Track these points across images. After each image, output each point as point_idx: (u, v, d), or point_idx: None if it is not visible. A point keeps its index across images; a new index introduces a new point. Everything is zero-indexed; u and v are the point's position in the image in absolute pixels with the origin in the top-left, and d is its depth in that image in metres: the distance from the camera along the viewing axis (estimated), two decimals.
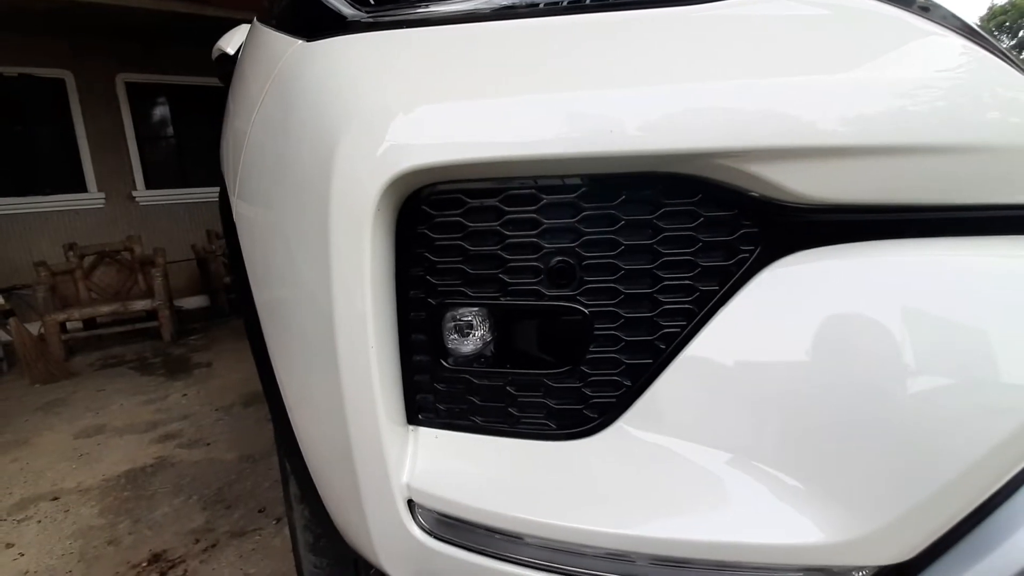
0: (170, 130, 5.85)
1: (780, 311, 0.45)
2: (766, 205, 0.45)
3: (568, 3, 0.48)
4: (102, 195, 5.40)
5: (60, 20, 4.64)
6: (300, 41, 0.58)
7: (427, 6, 0.52)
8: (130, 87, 5.52)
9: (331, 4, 0.56)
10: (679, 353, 0.48)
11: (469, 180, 0.49)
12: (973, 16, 0.44)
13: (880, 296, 0.43)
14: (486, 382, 0.54)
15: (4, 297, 3.81)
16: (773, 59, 0.43)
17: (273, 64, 0.62)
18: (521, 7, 0.49)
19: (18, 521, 1.83)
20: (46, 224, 5.09)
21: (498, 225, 0.50)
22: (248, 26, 1.80)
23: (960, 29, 0.43)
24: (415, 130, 0.45)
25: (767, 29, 0.45)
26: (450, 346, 0.55)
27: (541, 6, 0.49)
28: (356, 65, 0.51)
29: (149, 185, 5.68)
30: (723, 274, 0.47)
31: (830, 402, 0.43)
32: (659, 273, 0.48)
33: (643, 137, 0.42)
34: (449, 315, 0.54)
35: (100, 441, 2.45)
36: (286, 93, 0.57)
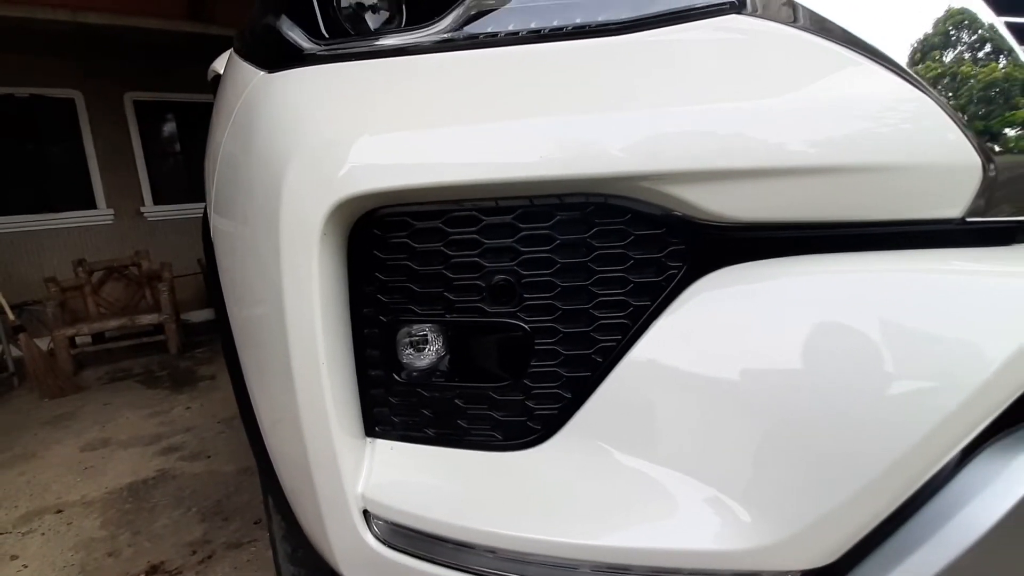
0: (177, 146, 5.96)
1: (704, 325, 0.47)
2: (689, 224, 0.47)
3: (504, 35, 0.51)
4: (111, 211, 5.50)
5: (69, 41, 4.76)
6: (263, 72, 0.62)
7: (375, 40, 0.55)
8: (138, 105, 5.64)
9: (290, 37, 0.59)
10: (615, 366, 0.50)
11: (413, 203, 0.52)
12: None
13: (794, 308, 0.45)
14: (436, 395, 0.56)
15: (15, 313, 3.89)
16: (683, 86, 0.45)
17: (240, 92, 0.65)
18: (459, 40, 0.52)
19: (23, 534, 1.87)
20: (57, 240, 5.20)
21: (441, 246, 0.52)
22: None
23: (861, 48, 0.45)
24: (354, 159, 0.48)
25: (678, 57, 0.47)
26: (403, 360, 0.57)
27: (480, 38, 0.51)
28: (307, 96, 0.54)
29: (157, 201, 5.78)
30: (654, 289, 0.50)
31: (747, 411, 0.45)
32: (594, 289, 0.50)
33: (565, 163, 0.45)
34: (401, 331, 0.56)
35: (105, 454, 2.50)
36: (247, 121, 0.60)
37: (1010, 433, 0.44)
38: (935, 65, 0.44)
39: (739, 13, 0.48)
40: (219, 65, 1.80)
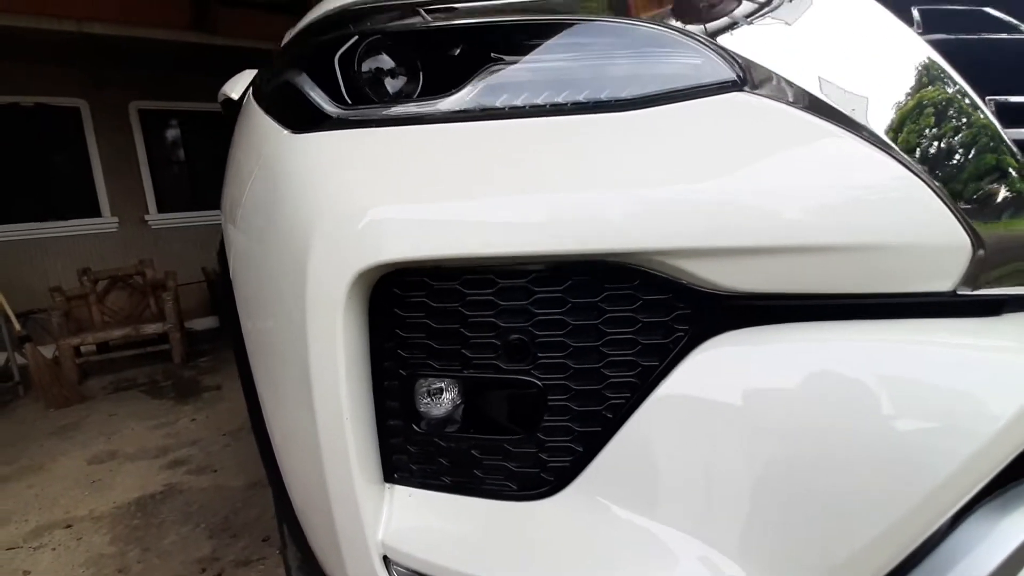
0: (181, 155, 6.00)
1: (709, 387, 0.50)
2: (695, 291, 0.50)
3: (517, 107, 0.54)
4: (115, 219, 5.54)
5: (75, 51, 4.80)
6: (285, 131, 0.64)
7: (397, 107, 0.58)
8: (143, 114, 5.68)
9: (313, 100, 0.62)
10: (624, 423, 0.53)
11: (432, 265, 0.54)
12: None
13: (792, 374, 0.47)
14: (453, 445, 0.59)
15: (21, 323, 3.92)
16: (686, 162, 0.48)
17: (262, 146, 0.68)
18: (476, 111, 0.55)
19: (34, 548, 1.89)
20: (61, 248, 5.23)
21: (459, 305, 0.55)
22: (250, 73, 1.89)
23: (853, 128, 0.47)
24: (378, 230, 0.51)
25: (682, 133, 0.50)
26: (421, 410, 0.60)
27: (494, 110, 0.54)
28: (330, 162, 0.57)
29: (161, 209, 5.82)
30: (662, 351, 0.52)
31: (750, 472, 0.48)
32: (604, 350, 0.53)
33: (578, 240, 0.47)
34: (420, 384, 0.59)
35: (112, 467, 2.52)
36: (271, 180, 0.63)
37: (997, 496, 0.47)
38: (923, 145, 0.47)
39: (740, 90, 0.51)
40: (230, 89, 1.83)
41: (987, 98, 0.49)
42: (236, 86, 1.83)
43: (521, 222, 0.48)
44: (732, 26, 0.51)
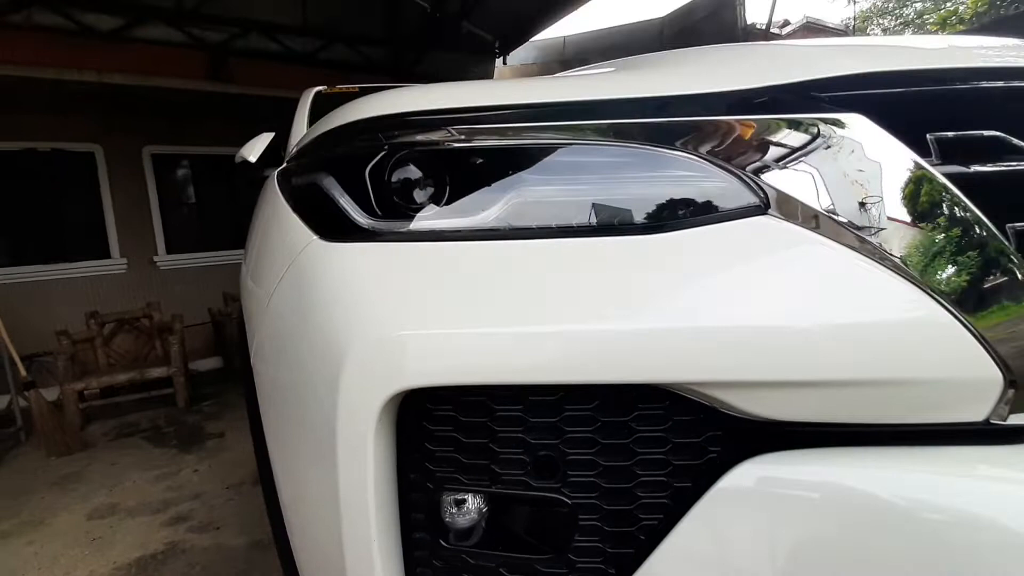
0: (191, 197, 6.10)
1: (743, 511, 0.49)
2: (729, 416, 0.50)
3: (548, 228, 0.55)
4: (124, 260, 5.60)
5: (91, 98, 4.94)
6: (315, 237, 0.66)
7: (428, 221, 0.59)
8: (155, 158, 5.81)
9: (345, 210, 0.63)
10: (657, 546, 0.52)
11: None
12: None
13: (831, 499, 0.47)
14: (480, 562, 0.58)
15: (26, 366, 3.91)
16: (713, 290, 0.49)
17: (292, 249, 0.69)
18: (508, 229, 0.56)
19: None
20: (69, 290, 5.27)
21: (488, 420, 0.55)
22: (266, 136, 1.94)
23: (883, 260, 0.48)
24: (411, 354, 0.51)
25: (708, 257, 0.51)
26: (448, 523, 0.59)
27: (526, 229, 0.55)
28: (362, 277, 0.58)
29: (170, 250, 5.89)
30: (694, 473, 0.52)
31: None
32: (635, 470, 0.53)
33: (609, 369, 0.48)
34: (447, 497, 0.59)
35: (112, 523, 2.47)
36: (302, 288, 0.64)
37: None
38: (949, 278, 0.48)
39: (764, 214, 0.52)
40: (247, 152, 1.88)
41: (1007, 226, 0.50)
42: (253, 149, 1.88)
43: (552, 353, 0.49)
44: (761, 156, 0.53)
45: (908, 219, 0.49)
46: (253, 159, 1.83)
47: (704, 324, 0.47)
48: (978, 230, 0.49)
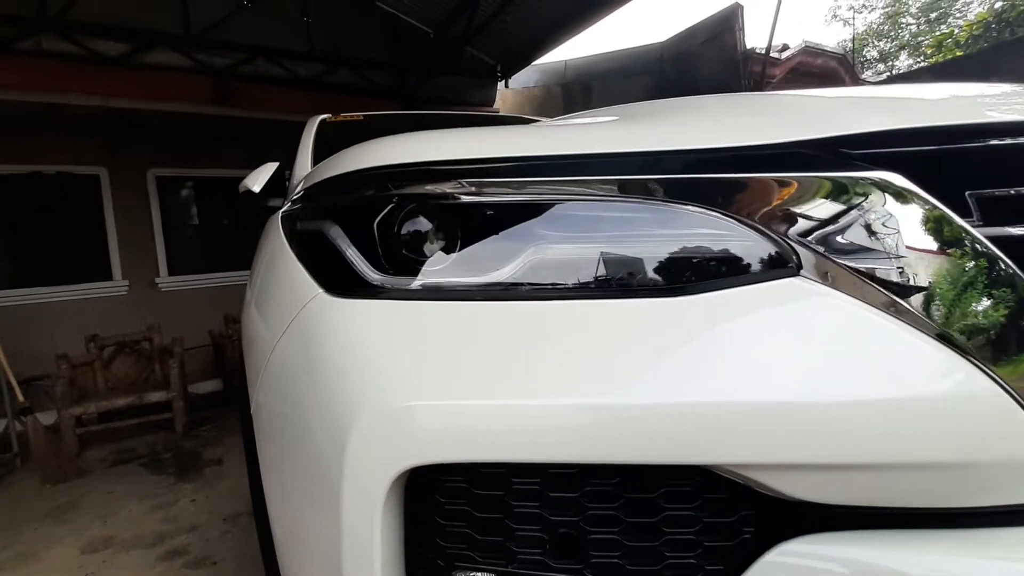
0: (194, 219, 6.11)
1: None
2: (764, 495, 0.46)
3: (567, 288, 0.52)
4: (126, 282, 5.58)
5: (97, 122, 4.98)
6: (321, 291, 0.63)
7: (440, 279, 0.56)
8: (160, 180, 5.83)
9: (354, 264, 0.61)
10: None
11: None
12: None
13: None
14: None
15: (24, 389, 3.87)
16: (750, 361, 0.46)
17: (295, 302, 0.66)
18: (523, 289, 0.53)
19: None
20: (69, 311, 5.24)
21: (503, 494, 0.52)
22: (271, 166, 1.93)
23: (921, 326, 0.45)
24: (422, 430, 0.48)
25: (740, 322, 0.48)
26: None
27: (541, 289, 0.53)
28: (371, 338, 0.55)
29: (172, 272, 5.87)
30: (727, 554, 0.48)
31: None
32: (663, 551, 0.49)
33: (635, 449, 0.44)
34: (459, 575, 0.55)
35: (106, 557, 2.41)
36: (307, 347, 0.61)
37: None
38: (1004, 351, 0.44)
39: (796, 276, 0.49)
40: (252, 182, 1.86)
41: None
42: (257, 179, 1.87)
43: (575, 430, 0.46)
44: (792, 215, 0.50)
45: (950, 283, 0.47)
46: (257, 189, 1.81)
47: (736, 400, 0.44)
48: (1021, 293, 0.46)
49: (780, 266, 0.49)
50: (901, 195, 0.49)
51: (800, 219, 0.50)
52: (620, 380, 0.47)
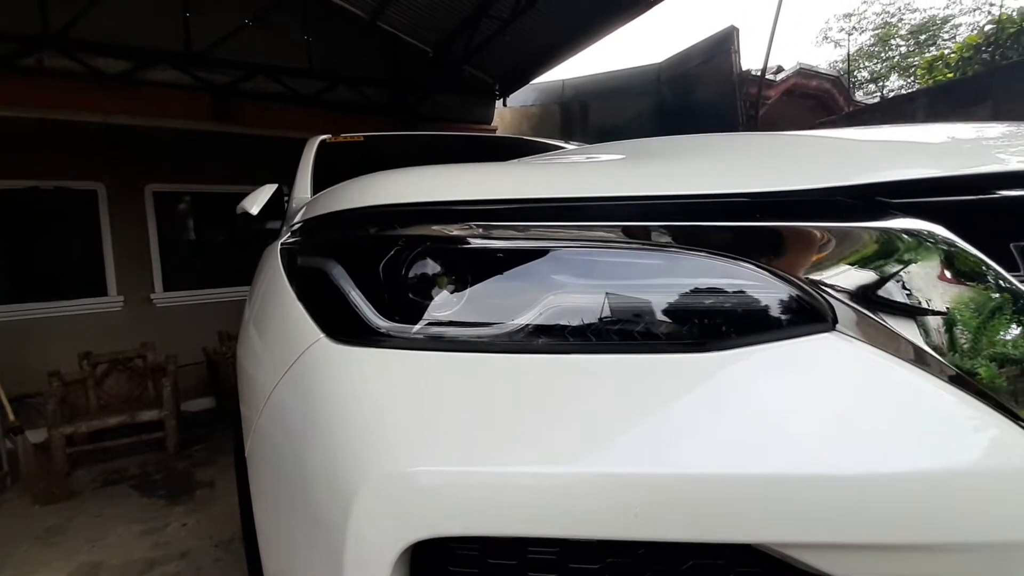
0: (191, 234, 6.08)
1: None
2: (804, 572, 0.43)
3: (588, 342, 0.49)
4: (121, 298, 5.53)
5: (96, 138, 4.98)
6: (322, 336, 0.60)
7: (449, 328, 0.53)
8: (157, 195, 5.81)
9: (358, 309, 0.58)
10: None
11: None
12: None
13: None
14: None
15: (15, 407, 3.80)
16: (788, 425, 0.43)
17: (295, 345, 0.63)
18: (540, 342, 0.50)
19: None
20: (63, 327, 5.18)
21: (518, 563, 0.48)
22: (269, 188, 1.90)
23: (968, 390, 0.42)
24: (432, 502, 0.45)
25: (778, 383, 0.45)
26: None
27: (561, 342, 0.50)
28: (375, 395, 0.51)
29: (168, 287, 5.83)
30: None
31: None
32: None
33: (665, 528, 0.41)
34: None
35: None
36: (307, 398, 0.58)
37: None
38: None
39: (831, 331, 0.46)
40: (249, 204, 1.84)
41: None
42: (255, 201, 1.84)
43: (597, 504, 0.42)
44: (827, 266, 0.47)
45: (1000, 343, 0.44)
46: (255, 211, 1.78)
47: (774, 472, 0.41)
48: None
49: (815, 320, 0.47)
50: (942, 247, 0.46)
51: (835, 270, 0.47)
52: (651, 446, 0.44)
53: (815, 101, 6.65)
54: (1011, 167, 0.50)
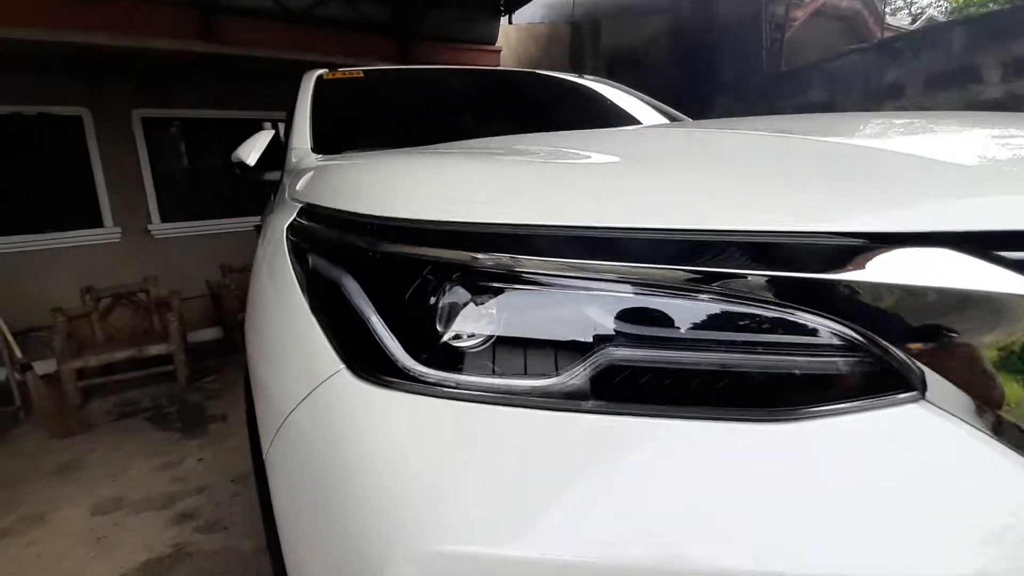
0: (185, 163, 5.89)
1: None
2: None
3: (660, 407, 0.44)
4: (118, 230, 5.44)
5: (79, 61, 4.69)
6: (343, 367, 0.55)
7: (488, 380, 0.48)
8: (146, 122, 5.57)
9: (384, 343, 0.52)
10: None
11: None
12: None
13: None
14: None
15: (20, 341, 3.84)
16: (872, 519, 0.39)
17: (312, 372, 0.58)
18: (592, 404, 0.45)
19: None
20: (62, 260, 5.14)
21: None
22: (266, 135, 1.78)
23: None
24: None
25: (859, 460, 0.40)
26: None
27: (621, 404, 0.44)
28: (406, 449, 0.47)
29: (164, 218, 5.72)
30: None
31: None
32: None
33: None
34: None
35: (117, 519, 2.44)
36: (325, 439, 0.53)
37: None
38: None
39: (919, 401, 0.41)
40: (244, 153, 1.73)
41: None
42: (251, 150, 1.73)
43: None
44: (920, 329, 0.41)
45: None
46: (251, 162, 1.68)
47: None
48: None
49: (900, 388, 0.41)
50: None
51: (929, 332, 0.41)
52: (710, 531, 0.40)
53: (845, 24, 6.20)
54: None
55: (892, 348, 0.41)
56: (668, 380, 0.44)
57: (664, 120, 2.19)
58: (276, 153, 1.77)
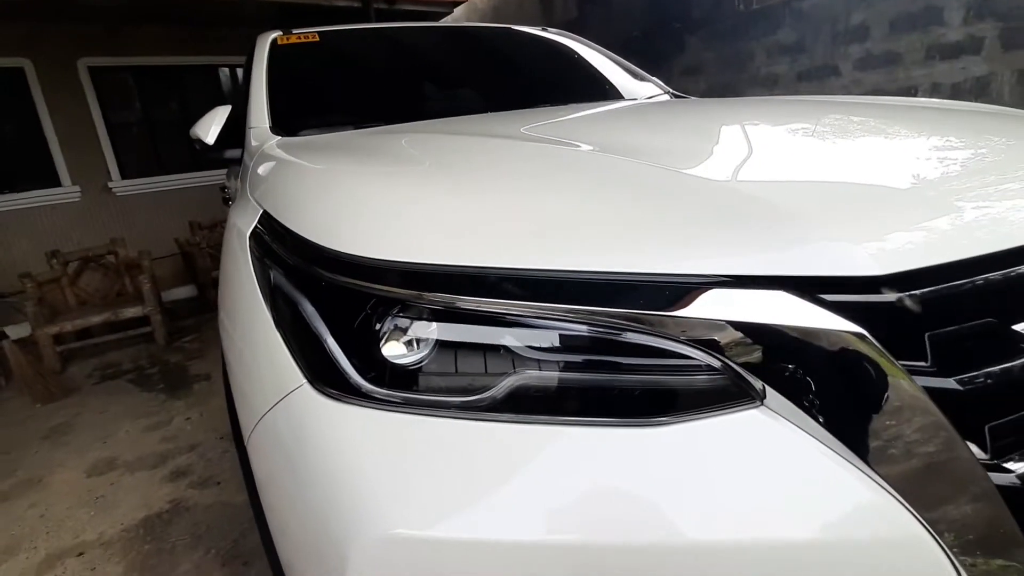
0: (142, 114, 5.65)
1: None
2: None
3: (560, 416, 0.55)
4: (77, 188, 5.29)
5: (15, 6, 4.38)
6: (305, 382, 0.64)
7: (434, 395, 0.58)
8: (94, 71, 5.29)
9: (339, 363, 0.62)
10: None
11: None
12: None
13: None
14: None
15: None
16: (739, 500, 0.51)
17: (276, 385, 0.67)
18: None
19: None
20: (22, 222, 5.01)
21: None
22: (222, 111, 1.77)
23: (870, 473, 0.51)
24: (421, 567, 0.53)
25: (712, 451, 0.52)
26: None
27: (528, 414, 0.55)
28: (365, 455, 0.57)
29: (125, 175, 5.56)
30: None
31: None
32: None
33: None
34: None
35: (113, 479, 2.57)
36: (290, 448, 0.63)
37: None
38: (935, 499, 0.50)
39: (760, 407, 0.53)
40: (202, 132, 1.73)
41: (987, 426, 0.52)
42: (209, 127, 1.73)
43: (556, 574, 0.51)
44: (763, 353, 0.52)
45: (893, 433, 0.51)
46: (210, 140, 1.68)
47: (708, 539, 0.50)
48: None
49: (745, 398, 0.53)
50: (865, 352, 0.51)
51: (767, 356, 0.53)
52: (601, 516, 0.52)
53: None
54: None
55: (739, 369, 0.53)
56: (566, 395, 0.55)
57: (629, 79, 2.22)
58: (236, 128, 1.77)
